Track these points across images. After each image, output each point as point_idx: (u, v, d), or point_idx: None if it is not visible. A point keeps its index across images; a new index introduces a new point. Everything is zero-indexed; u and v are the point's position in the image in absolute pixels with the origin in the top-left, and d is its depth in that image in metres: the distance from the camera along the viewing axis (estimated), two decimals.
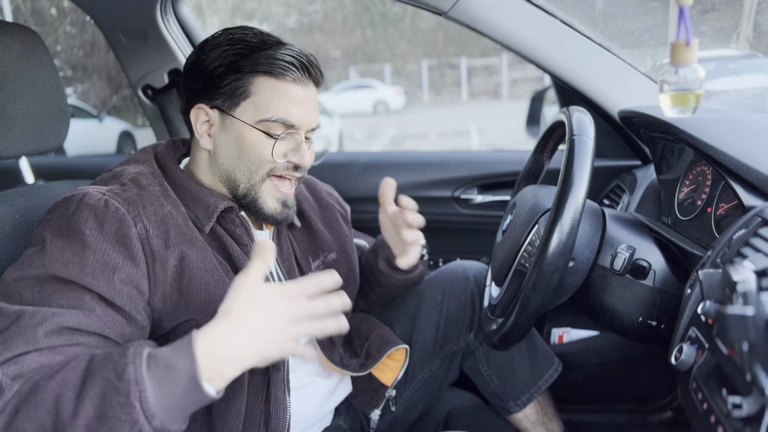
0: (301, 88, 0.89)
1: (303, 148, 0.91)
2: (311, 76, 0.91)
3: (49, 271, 0.73)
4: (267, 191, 0.92)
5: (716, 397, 0.59)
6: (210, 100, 0.90)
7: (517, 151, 1.75)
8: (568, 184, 0.81)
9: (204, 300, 0.83)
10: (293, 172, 0.93)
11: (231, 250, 0.90)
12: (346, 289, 1.09)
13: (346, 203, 1.22)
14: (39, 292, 0.71)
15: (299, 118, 0.89)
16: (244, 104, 0.88)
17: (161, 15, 1.62)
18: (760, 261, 0.63)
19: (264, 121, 0.87)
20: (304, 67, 0.89)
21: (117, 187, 0.84)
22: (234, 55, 0.87)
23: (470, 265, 1.23)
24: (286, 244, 1.03)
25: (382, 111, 17.37)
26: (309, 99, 0.91)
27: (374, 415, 1.11)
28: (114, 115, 9.52)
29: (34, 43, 1.05)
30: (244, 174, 0.90)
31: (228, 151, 0.90)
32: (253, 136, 0.88)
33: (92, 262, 0.74)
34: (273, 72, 0.87)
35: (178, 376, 0.63)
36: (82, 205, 0.78)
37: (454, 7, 1.25)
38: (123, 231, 0.77)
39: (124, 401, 0.60)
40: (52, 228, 0.77)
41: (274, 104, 0.87)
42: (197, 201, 0.90)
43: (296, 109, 0.89)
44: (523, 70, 20.29)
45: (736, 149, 0.87)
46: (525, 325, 0.87)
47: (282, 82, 0.88)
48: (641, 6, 3.06)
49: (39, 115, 1.05)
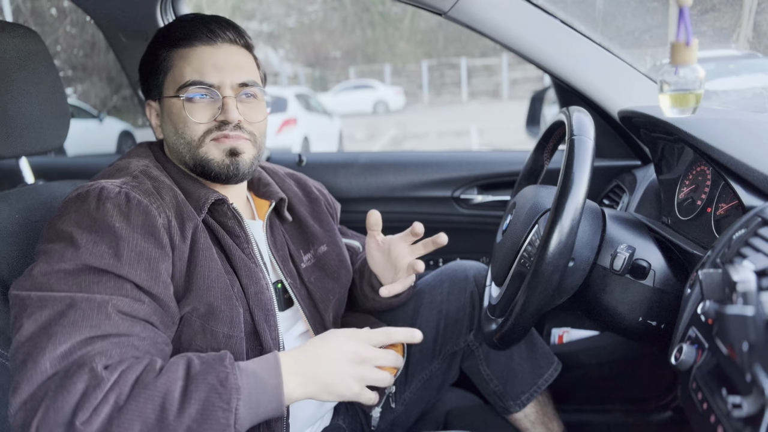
0: (212, 48, 0.92)
1: (227, 103, 0.90)
2: (222, 37, 0.92)
3: (84, 262, 0.73)
4: (210, 147, 0.91)
5: (716, 397, 0.59)
6: (150, 93, 0.97)
7: (517, 151, 1.75)
8: (568, 184, 0.81)
9: (205, 288, 0.84)
10: (231, 131, 0.91)
11: (224, 242, 0.91)
12: (339, 279, 1.11)
13: (335, 201, 1.23)
14: (77, 283, 0.72)
15: (216, 76, 0.90)
16: (166, 82, 0.93)
17: (161, 15, 1.62)
18: (760, 261, 0.63)
19: (182, 87, 0.90)
20: (211, 30, 0.92)
21: (130, 179, 0.84)
22: (152, 44, 0.96)
23: (470, 265, 1.23)
24: (279, 235, 1.04)
25: (382, 111, 17.36)
26: (225, 57, 0.92)
27: (374, 413, 1.11)
28: (114, 115, 9.52)
29: (34, 43, 1.05)
30: (183, 146, 0.92)
31: (168, 130, 0.94)
32: (177, 105, 0.91)
33: (127, 252, 0.75)
34: (179, 42, 0.92)
35: (265, 389, 0.71)
36: (102, 199, 0.78)
37: (454, 7, 1.25)
38: (150, 222, 0.79)
39: (225, 406, 0.67)
40: (74, 223, 0.77)
41: (186, 70, 0.91)
42: (189, 193, 0.91)
43: (211, 69, 0.90)
44: (523, 70, 20.29)
45: (736, 149, 0.87)
46: (525, 325, 0.87)
47: (189, 49, 0.91)
48: (641, 6, 3.06)
49: (39, 115, 1.05)
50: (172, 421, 0.65)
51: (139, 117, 9.54)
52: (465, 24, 1.29)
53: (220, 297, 0.85)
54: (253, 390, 0.70)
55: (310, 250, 1.09)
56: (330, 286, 1.08)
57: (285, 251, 1.04)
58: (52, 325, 0.68)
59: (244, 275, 0.90)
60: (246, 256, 0.92)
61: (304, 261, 1.07)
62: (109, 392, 0.64)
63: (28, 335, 0.68)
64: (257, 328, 0.89)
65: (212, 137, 0.91)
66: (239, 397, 0.68)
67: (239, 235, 0.92)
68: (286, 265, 1.02)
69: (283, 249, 1.03)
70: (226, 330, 0.86)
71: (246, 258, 0.92)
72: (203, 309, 0.84)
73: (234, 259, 0.90)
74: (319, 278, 1.07)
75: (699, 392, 0.64)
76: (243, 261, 0.91)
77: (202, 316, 0.84)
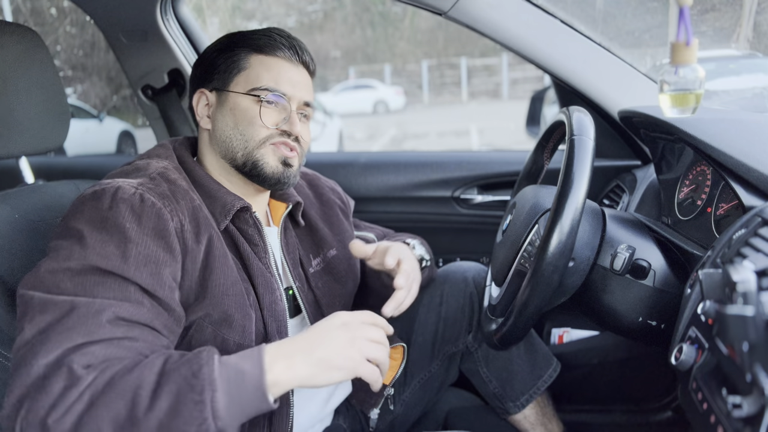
0: (291, 65, 0.95)
1: (293, 116, 0.93)
2: (300, 58, 0.96)
3: (91, 262, 0.72)
4: (267, 152, 0.93)
5: (716, 397, 0.59)
6: (208, 83, 0.97)
7: (517, 151, 1.75)
8: (568, 184, 0.81)
9: (220, 295, 0.84)
10: (292, 142, 0.95)
11: (242, 249, 0.91)
12: (346, 284, 1.10)
13: (349, 198, 1.22)
14: (82, 284, 0.71)
15: (289, 89, 0.93)
16: (236, 78, 0.94)
17: (161, 15, 1.62)
18: (760, 261, 0.63)
19: (255, 89, 0.92)
20: (293, 48, 0.95)
21: (147, 181, 0.84)
22: (227, 38, 0.97)
23: (469, 266, 1.23)
24: (291, 238, 1.04)
25: (382, 111, 17.36)
26: (299, 76, 0.96)
27: (373, 414, 1.11)
28: (114, 115, 9.52)
29: (34, 43, 1.05)
30: (239, 142, 0.93)
31: (224, 123, 0.94)
32: (246, 103, 0.93)
33: (135, 254, 0.75)
34: (263, 49, 0.94)
35: (246, 382, 0.67)
36: (117, 200, 0.78)
37: (454, 7, 1.25)
38: (161, 225, 0.78)
39: (197, 398, 0.64)
40: (86, 221, 0.76)
41: (264, 75, 0.93)
42: (214, 198, 0.91)
43: (286, 81, 0.94)
44: (523, 70, 20.28)
45: (736, 149, 0.87)
46: (525, 325, 0.87)
47: (272, 58, 0.94)
48: (641, 6, 3.06)
49: (39, 115, 1.05)
50: (141, 416, 0.63)
51: (139, 117, 9.54)
52: (465, 24, 1.29)
53: (234, 305, 0.85)
54: (233, 382, 0.67)
55: (320, 254, 1.09)
56: (337, 291, 1.08)
57: (296, 255, 1.04)
58: (49, 331, 0.67)
59: (260, 284, 0.90)
60: (263, 265, 0.92)
61: (313, 265, 1.06)
62: (84, 391, 0.64)
63: (26, 339, 0.68)
64: (269, 337, 0.90)
65: (272, 142, 0.93)
66: (214, 389, 0.64)
67: (258, 244, 0.93)
68: (296, 269, 1.02)
69: (294, 253, 1.03)
70: (237, 338, 0.86)
71: (263, 267, 0.92)
72: (217, 316, 0.83)
73: (251, 268, 0.90)
74: (327, 283, 1.07)
75: (699, 392, 0.64)
76: (260, 270, 0.91)
77: (215, 323, 0.83)
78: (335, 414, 1.12)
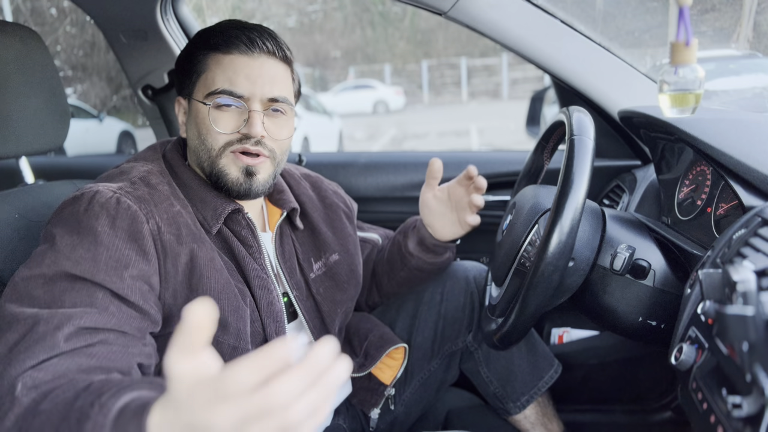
0: (248, 59, 0.89)
1: (252, 117, 0.87)
2: (261, 48, 0.89)
3: (61, 268, 0.72)
4: (227, 162, 0.89)
5: (716, 397, 0.59)
6: (182, 89, 0.95)
7: (517, 151, 1.74)
8: (568, 184, 0.81)
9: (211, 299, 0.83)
10: (252, 147, 0.89)
11: (236, 251, 0.90)
12: (348, 290, 1.09)
13: (353, 201, 1.21)
14: (51, 291, 0.71)
15: (247, 88, 0.88)
16: (198, 84, 0.91)
17: (161, 15, 1.62)
18: (760, 261, 0.63)
19: (211, 94, 0.88)
20: (251, 40, 0.89)
21: (127, 185, 0.83)
22: (191, 43, 0.93)
23: (470, 265, 1.23)
24: (288, 245, 1.02)
25: (382, 111, 17.36)
26: (260, 69, 0.89)
27: (374, 414, 1.11)
28: (114, 115, 9.52)
29: (34, 43, 1.05)
30: (203, 152, 0.90)
31: (191, 132, 0.92)
32: (204, 111, 0.89)
33: (105, 258, 0.74)
34: (218, 47, 0.89)
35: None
36: (93, 203, 0.78)
37: (454, 7, 1.25)
38: (135, 227, 0.78)
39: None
40: (62, 225, 0.77)
41: (219, 77, 0.88)
42: (205, 202, 0.90)
43: (243, 80, 0.88)
44: (523, 70, 20.29)
45: (735, 149, 0.87)
46: (525, 325, 0.87)
47: (226, 56, 0.89)
48: (641, 6, 3.06)
49: (39, 115, 1.05)
50: None
51: (139, 117, 9.54)
52: (465, 24, 1.29)
53: (227, 308, 0.85)
54: None
55: (321, 258, 1.07)
56: (338, 297, 1.06)
57: (293, 262, 1.02)
58: (14, 350, 0.66)
59: (257, 285, 0.90)
60: (258, 266, 0.92)
61: (314, 270, 1.05)
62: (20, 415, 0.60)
63: None
64: (268, 339, 0.89)
65: (232, 149, 0.88)
66: None
67: (252, 245, 0.92)
68: (293, 277, 1.00)
69: (291, 260, 1.01)
70: (233, 341, 0.85)
71: (258, 268, 0.91)
72: None
73: (247, 270, 0.90)
74: (328, 289, 1.05)
75: (699, 392, 0.64)
76: (256, 271, 0.91)
77: None
78: (335, 414, 1.12)
